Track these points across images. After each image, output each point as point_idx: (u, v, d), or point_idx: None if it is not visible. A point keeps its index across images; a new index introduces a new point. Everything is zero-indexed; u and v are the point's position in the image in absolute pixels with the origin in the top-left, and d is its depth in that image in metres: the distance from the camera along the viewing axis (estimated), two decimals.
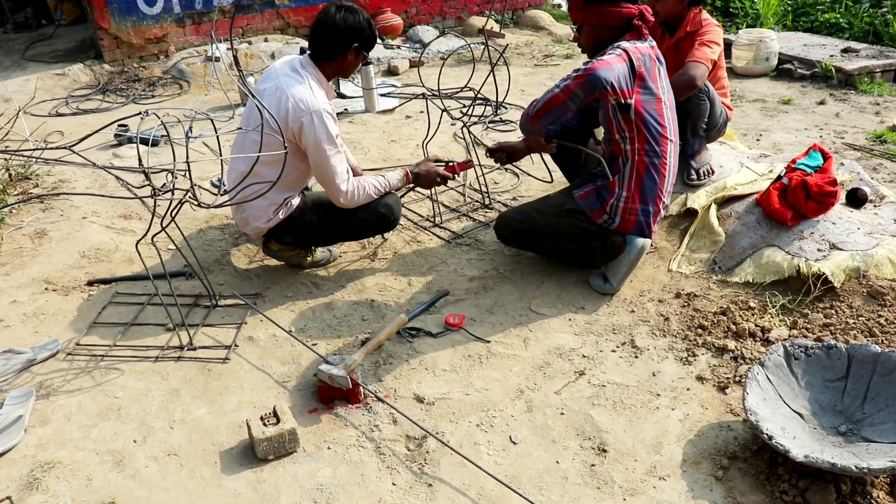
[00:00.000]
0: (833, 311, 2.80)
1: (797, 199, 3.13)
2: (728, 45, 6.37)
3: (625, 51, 2.85)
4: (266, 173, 2.88)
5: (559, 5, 9.79)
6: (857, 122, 5.12)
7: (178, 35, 7.34)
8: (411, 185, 3.44)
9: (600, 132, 3.30)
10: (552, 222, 3.17)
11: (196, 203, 2.70)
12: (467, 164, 3.51)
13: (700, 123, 3.56)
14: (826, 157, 3.31)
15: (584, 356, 2.74)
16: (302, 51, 3.31)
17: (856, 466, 1.94)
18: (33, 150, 3.05)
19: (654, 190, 3.01)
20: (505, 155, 3.52)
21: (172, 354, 2.82)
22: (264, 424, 2.30)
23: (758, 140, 4.85)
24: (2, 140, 4.42)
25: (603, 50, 2.94)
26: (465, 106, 5.56)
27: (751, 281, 3.06)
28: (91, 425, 2.46)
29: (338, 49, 3.02)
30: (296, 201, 3.21)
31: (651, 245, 3.20)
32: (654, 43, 3.02)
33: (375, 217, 3.23)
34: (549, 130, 3.29)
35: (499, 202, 4.02)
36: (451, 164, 3.48)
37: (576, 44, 3.08)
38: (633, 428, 2.38)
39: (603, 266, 3.15)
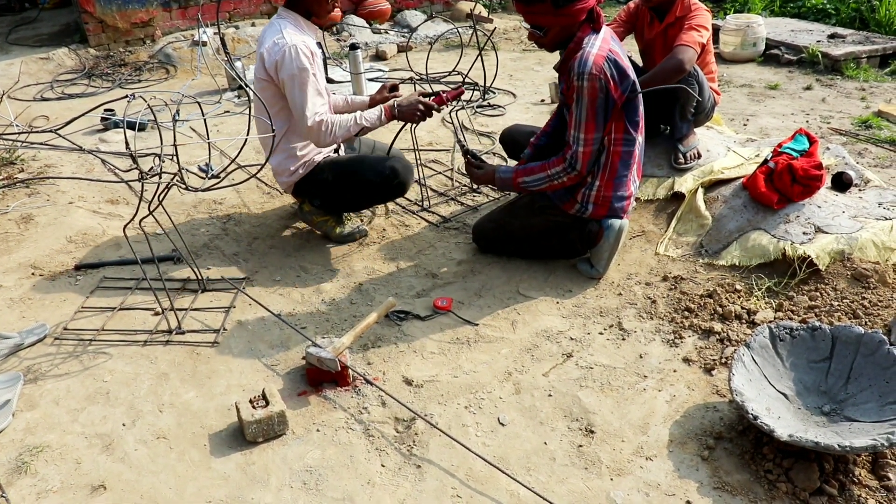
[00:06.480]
0: (818, 294, 2.83)
1: (783, 183, 3.15)
2: (716, 31, 6.38)
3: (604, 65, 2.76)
4: (280, 129, 3.12)
5: None
6: (842, 107, 5.14)
7: (164, 19, 7.27)
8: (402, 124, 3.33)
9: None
10: (526, 223, 3.16)
11: (184, 187, 2.69)
12: (458, 92, 3.33)
13: (688, 107, 3.57)
14: (812, 141, 3.33)
15: (571, 339, 2.76)
16: None
17: (839, 445, 1.97)
18: (18, 133, 3.02)
19: (626, 176, 3.01)
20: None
21: (161, 338, 2.81)
22: (253, 407, 2.30)
23: (745, 125, 4.87)
24: None
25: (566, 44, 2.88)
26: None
27: (737, 264, 3.08)
28: (79, 409, 2.46)
29: None
30: (318, 157, 3.33)
31: (631, 227, 3.18)
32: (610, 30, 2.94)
33: (380, 179, 3.24)
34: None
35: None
36: (439, 93, 3.30)
37: (535, 43, 2.96)
38: (620, 409, 2.40)
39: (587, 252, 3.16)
